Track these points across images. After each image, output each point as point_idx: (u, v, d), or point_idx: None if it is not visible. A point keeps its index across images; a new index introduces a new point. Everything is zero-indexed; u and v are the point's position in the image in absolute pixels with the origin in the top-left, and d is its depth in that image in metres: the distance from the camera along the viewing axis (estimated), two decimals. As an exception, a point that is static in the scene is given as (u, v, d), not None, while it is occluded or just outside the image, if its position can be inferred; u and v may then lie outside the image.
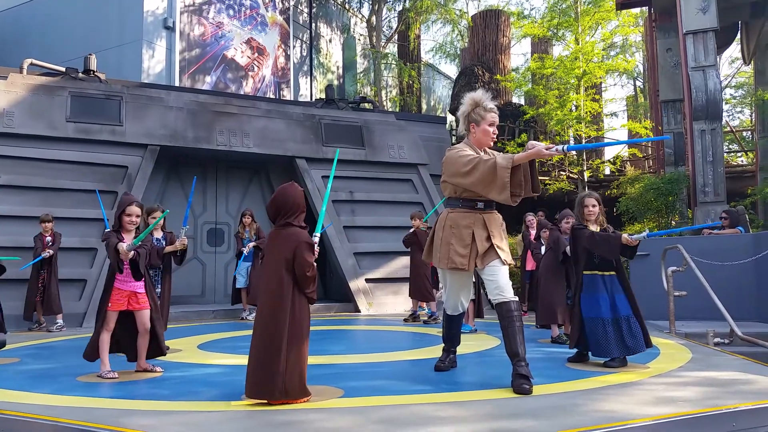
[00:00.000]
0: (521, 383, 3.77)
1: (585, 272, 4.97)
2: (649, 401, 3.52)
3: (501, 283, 4.08)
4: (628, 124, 18.73)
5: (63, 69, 10.92)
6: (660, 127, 14.05)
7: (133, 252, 4.56)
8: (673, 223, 12.43)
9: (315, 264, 3.64)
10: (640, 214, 12.32)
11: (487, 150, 4.35)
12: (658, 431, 3.05)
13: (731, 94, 25.29)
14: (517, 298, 4.11)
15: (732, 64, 27.32)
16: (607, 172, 19.67)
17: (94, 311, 8.53)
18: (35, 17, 16.46)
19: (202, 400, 3.71)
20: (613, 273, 4.90)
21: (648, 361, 5.00)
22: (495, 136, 4.33)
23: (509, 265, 4.20)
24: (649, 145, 19.79)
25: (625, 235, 4.73)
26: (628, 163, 20.26)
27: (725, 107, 23.23)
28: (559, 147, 3.91)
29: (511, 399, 3.62)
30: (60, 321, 8.16)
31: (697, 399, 3.54)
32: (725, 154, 16.22)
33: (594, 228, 4.98)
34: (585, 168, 16.36)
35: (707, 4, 10.86)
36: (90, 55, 11.38)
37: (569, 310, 5.61)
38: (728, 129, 19.50)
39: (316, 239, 3.72)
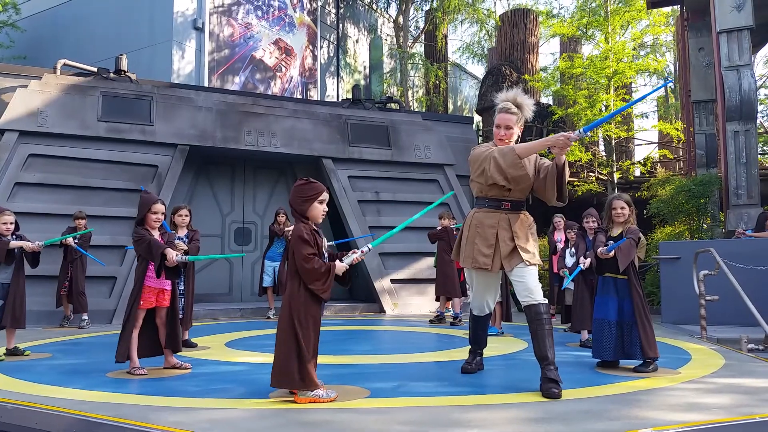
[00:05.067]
0: (550, 387, 3.73)
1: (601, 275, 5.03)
2: (680, 407, 3.45)
3: (530, 286, 4.04)
4: (658, 125, 18.44)
5: (95, 69, 11.10)
6: (691, 128, 13.80)
7: (180, 260, 4.63)
8: (705, 226, 12.19)
9: (317, 259, 3.63)
10: (671, 217, 12.10)
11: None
12: (691, 438, 2.99)
13: (766, 95, 24.72)
14: (546, 301, 4.06)
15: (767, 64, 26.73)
16: (637, 173, 19.39)
17: (124, 308, 8.72)
18: (69, 19, 16.79)
19: (230, 398, 3.73)
20: (625, 277, 4.86)
21: (679, 366, 4.92)
22: (504, 137, 4.24)
23: (536, 265, 4.13)
24: (680, 145, 19.45)
25: (600, 249, 4.84)
26: (659, 164, 19.93)
27: (760, 108, 22.71)
28: (575, 133, 3.82)
29: (539, 403, 3.58)
30: (85, 317, 8.30)
31: (731, 406, 3.46)
32: (759, 156, 15.86)
33: (617, 231, 4.95)
34: (614, 169, 16.14)
35: (743, 2, 10.63)
36: (121, 55, 11.55)
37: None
38: (762, 130, 19.08)
39: (366, 250, 3.73)
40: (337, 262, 3.70)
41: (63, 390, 3.96)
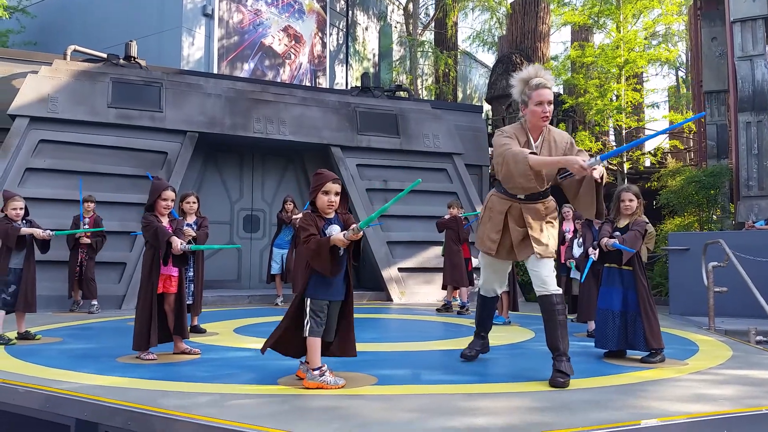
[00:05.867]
0: (556, 377, 3.74)
1: (606, 265, 5.02)
2: (687, 398, 3.45)
3: (543, 276, 3.99)
4: (669, 115, 18.30)
5: (105, 55, 11.12)
6: (702, 119, 13.70)
7: (183, 248, 4.68)
8: (715, 217, 12.13)
9: (312, 239, 3.70)
10: (681, 208, 12.04)
11: (552, 136, 4.07)
12: (696, 429, 3.00)
13: (779, 85, 24.45)
14: (560, 291, 4.02)
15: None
16: (648, 164, 19.27)
17: (133, 294, 8.78)
18: (79, 5, 16.81)
19: (238, 383, 3.77)
20: (629, 268, 4.85)
21: (686, 357, 4.92)
22: (548, 113, 3.94)
23: (550, 258, 4.03)
24: (691, 136, 19.31)
25: (604, 240, 4.84)
26: (669, 155, 19.80)
27: (772, 98, 22.47)
28: (589, 160, 3.67)
29: (544, 392, 3.59)
30: (95, 302, 8.37)
31: (738, 398, 3.46)
32: (771, 147, 15.72)
33: (623, 222, 4.94)
34: (624, 160, 16.05)
35: (757, -9, 10.51)
36: (131, 41, 11.56)
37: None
38: (775, 121, 18.90)
39: (355, 227, 3.70)
40: (334, 236, 3.70)
41: (73, 374, 4.01)
